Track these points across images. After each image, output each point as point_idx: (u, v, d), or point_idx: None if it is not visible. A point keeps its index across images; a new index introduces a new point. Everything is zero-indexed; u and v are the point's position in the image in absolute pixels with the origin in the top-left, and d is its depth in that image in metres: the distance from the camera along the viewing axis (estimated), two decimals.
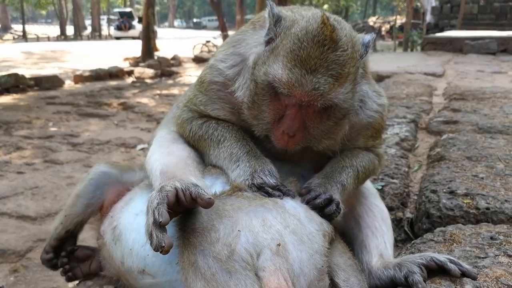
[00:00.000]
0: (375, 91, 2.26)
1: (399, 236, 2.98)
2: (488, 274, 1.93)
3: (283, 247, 1.67)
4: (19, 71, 20.08)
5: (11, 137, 11.03)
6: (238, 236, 1.67)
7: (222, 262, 1.62)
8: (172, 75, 24.11)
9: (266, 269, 1.62)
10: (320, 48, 1.82)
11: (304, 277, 1.67)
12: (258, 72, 1.96)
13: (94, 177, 2.40)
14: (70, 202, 2.41)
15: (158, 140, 2.37)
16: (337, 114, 1.98)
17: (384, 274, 2.08)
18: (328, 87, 1.83)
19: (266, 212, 1.79)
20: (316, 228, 1.83)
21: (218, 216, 1.74)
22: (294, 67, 1.83)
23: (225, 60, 2.18)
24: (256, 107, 2.02)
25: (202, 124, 2.24)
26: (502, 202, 2.72)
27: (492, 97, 6.59)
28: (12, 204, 7.04)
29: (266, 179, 1.96)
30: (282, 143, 2.01)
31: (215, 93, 2.21)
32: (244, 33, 2.25)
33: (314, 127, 1.99)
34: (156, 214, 1.63)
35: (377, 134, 2.33)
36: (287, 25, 1.94)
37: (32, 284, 5.18)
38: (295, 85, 1.83)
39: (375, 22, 62.12)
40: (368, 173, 2.33)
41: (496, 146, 3.88)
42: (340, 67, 1.84)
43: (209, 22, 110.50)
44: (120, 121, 13.05)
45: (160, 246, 1.57)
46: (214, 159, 2.19)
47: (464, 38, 17.71)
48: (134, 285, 1.99)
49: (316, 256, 1.74)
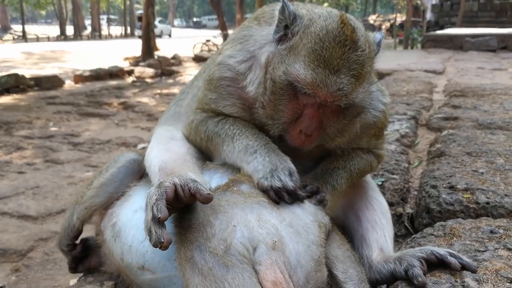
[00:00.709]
0: (379, 89, 2.26)
1: (400, 231, 2.98)
2: (487, 267, 1.94)
3: (279, 240, 1.68)
4: (19, 71, 20.13)
5: (11, 137, 11.07)
6: (234, 231, 1.67)
7: (219, 256, 1.62)
8: (172, 74, 24.15)
9: (263, 263, 1.63)
10: (342, 48, 1.82)
11: (301, 268, 1.68)
12: (277, 72, 1.93)
13: (124, 164, 2.31)
14: (92, 193, 2.30)
15: (157, 137, 2.36)
16: (353, 112, 1.99)
17: (384, 268, 2.09)
18: (351, 87, 1.84)
19: (261, 208, 1.78)
20: (311, 219, 1.83)
21: (213, 212, 1.74)
22: (317, 67, 1.82)
23: (235, 56, 2.15)
24: (271, 107, 1.99)
25: (218, 122, 2.20)
26: (502, 197, 2.72)
27: (492, 94, 6.58)
28: (13, 204, 7.07)
29: (286, 182, 1.88)
30: (298, 142, 1.99)
31: (224, 89, 2.17)
32: (250, 29, 2.22)
33: (331, 126, 1.99)
34: (155, 210, 1.63)
35: (380, 133, 2.33)
36: (305, 23, 1.92)
37: (34, 283, 5.20)
38: (320, 85, 1.82)
39: (375, 20, 62.10)
40: (363, 173, 2.34)
41: (496, 142, 3.88)
42: (360, 67, 1.85)
43: (209, 21, 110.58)
44: (121, 120, 13.08)
45: (159, 242, 1.57)
46: (228, 154, 2.12)
47: (464, 35, 17.68)
48: (134, 280, 1.99)
49: (312, 247, 1.74)
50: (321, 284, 1.74)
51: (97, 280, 2.27)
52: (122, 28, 72.73)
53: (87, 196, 2.33)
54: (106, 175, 2.30)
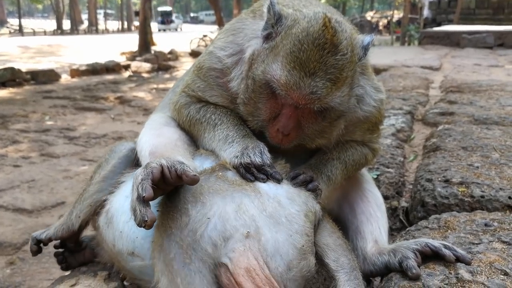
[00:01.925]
0: (374, 86, 2.23)
1: (394, 225, 2.99)
2: (482, 260, 1.94)
3: (255, 230, 1.67)
4: (15, 65, 20.02)
5: (7, 130, 11.02)
6: (206, 224, 1.67)
7: (183, 249, 1.63)
8: (169, 69, 24.08)
9: (236, 250, 1.63)
10: (320, 51, 1.80)
11: (280, 256, 1.67)
12: (257, 70, 1.94)
13: (125, 154, 2.30)
14: (95, 188, 2.26)
15: (149, 123, 2.36)
16: (332, 115, 1.97)
17: (378, 260, 2.09)
18: (326, 91, 1.82)
19: (244, 197, 1.77)
20: (297, 209, 1.82)
21: (193, 200, 1.74)
22: (293, 69, 1.81)
23: (225, 48, 2.15)
24: (251, 104, 2.00)
25: (200, 108, 2.22)
26: (497, 190, 2.72)
27: (488, 90, 6.59)
28: (9, 197, 7.04)
29: (254, 159, 1.91)
30: (276, 140, 2.00)
31: (213, 80, 2.18)
32: (244, 21, 2.22)
33: (309, 127, 1.98)
34: (140, 189, 1.63)
35: (374, 127, 2.31)
36: (288, 24, 1.91)
37: (29, 276, 5.18)
38: (293, 87, 1.82)
39: (373, 16, 61.98)
40: (358, 166, 2.32)
41: (492, 137, 3.89)
42: (338, 71, 1.83)
43: (206, 17, 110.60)
44: (117, 115, 13.04)
45: (143, 221, 1.57)
46: (208, 141, 2.15)
47: (461, 32, 17.70)
48: (125, 267, 2.00)
49: (295, 236, 1.73)
50: (306, 272, 1.73)
51: (91, 271, 2.26)
52: (119, 23, 72.51)
53: (89, 192, 2.28)
54: (108, 167, 2.28)
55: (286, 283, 1.67)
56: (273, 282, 1.61)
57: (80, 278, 2.19)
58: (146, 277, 1.94)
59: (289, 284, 1.68)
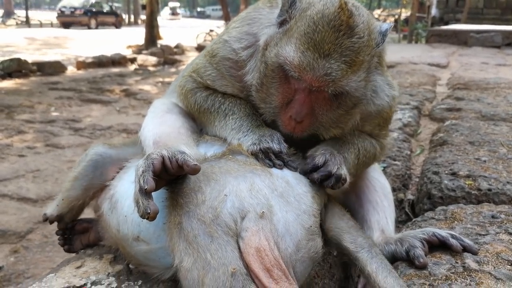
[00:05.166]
0: (388, 83, 2.18)
1: (400, 217, 2.98)
2: (488, 250, 1.93)
3: (268, 210, 1.67)
4: (21, 56, 20.01)
5: (13, 121, 11.05)
6: (224, 201, 1.66)
7: (206, 225, 1.62)
8: (175, 63, 24.06)
9: (249, 230, 1.62)
10: (335, 33, 1.76)
11: (290, 236, 1.66)
12: (270, 54, 1.90)
13: (93, 158, 2.33)
14: (68, 186, 2.34)
15: (152, 111, 2.35)
16: (348, 102, 1.91)
17: (385, 250, 2.06)
18: (341, 73, 1.77)
19: (255, 176, 1.77)
20: (304, 190, 1.81)
21: (205, 179, 1.74)
22: (307, 50, 1.77)
23: (240, 40, 2.10)
24: (264, 90, 1.97)
25: (207, 97, 2.19)
26: (504, 184, 2.71)
27: (496, 87, 6.55)
28: (13, 186, 7.07)
29: (272, 145, 1.91)
30: (289, 128, 1.95)
31: (227, 70, 2.14)
32: (261, 11, 2.16)
33: (323, 114, 1.93)
34: (142, 182, 1.63)
35: (384, 124, 2.26)
36: (303, 7, 1.87)
37: (32, 265, 5.21)
38: (306, 68, 1.78)
39: (380, 14, 61.70)
40: (368, 156, 2.25)
41: (499, 133, 3.87)
42: (354, 54, 1.78)
43: (213, 12, 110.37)
44: (122, 107, 13.05)
45: (146, 213, 1.57)
46: (219, 130, 2.13)
47: (469, 31, 17.58)
48: (130, 252, 1.99)
49: (303, 216, 1.72)
50: (314, 253, 1.73)
51: (96, 253, 2.26)
52: (126, 16, 72.51)
53: (64, 188, 2.38)
54: (78, 169, 2.34)
55: (295, 264, 1.67)
56: (281, 264, 1.60)
57: (86, 261, 2.19)
58: (151, 262, 1.94)
59: (298, 265, 1.68)
